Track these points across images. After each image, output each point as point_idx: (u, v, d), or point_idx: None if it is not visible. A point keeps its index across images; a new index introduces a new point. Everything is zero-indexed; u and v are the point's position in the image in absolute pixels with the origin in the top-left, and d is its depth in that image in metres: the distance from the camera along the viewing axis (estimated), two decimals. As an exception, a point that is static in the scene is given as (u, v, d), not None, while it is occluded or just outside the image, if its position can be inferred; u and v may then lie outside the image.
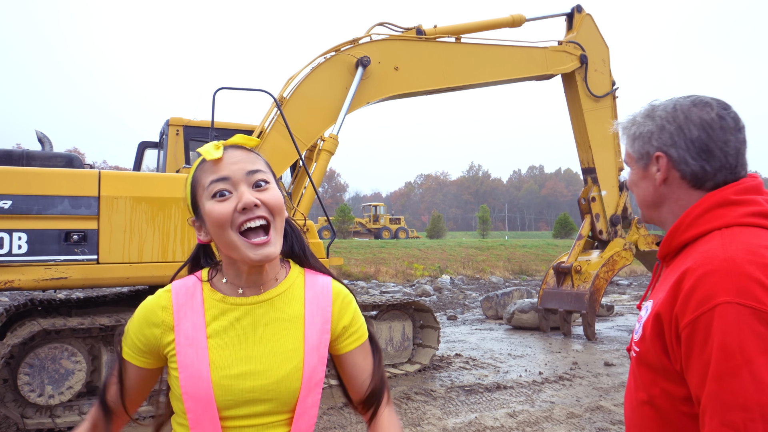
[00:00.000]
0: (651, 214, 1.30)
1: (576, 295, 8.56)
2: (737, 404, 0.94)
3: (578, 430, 4.58)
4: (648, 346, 1.12)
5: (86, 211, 4.93)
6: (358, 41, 7.27)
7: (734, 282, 0.99)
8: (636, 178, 1.30)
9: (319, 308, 1.21)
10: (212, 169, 1.12)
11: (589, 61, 9.01)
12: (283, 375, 1.13)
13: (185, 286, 1.18)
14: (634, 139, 1.28)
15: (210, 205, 1.10)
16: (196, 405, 1.09)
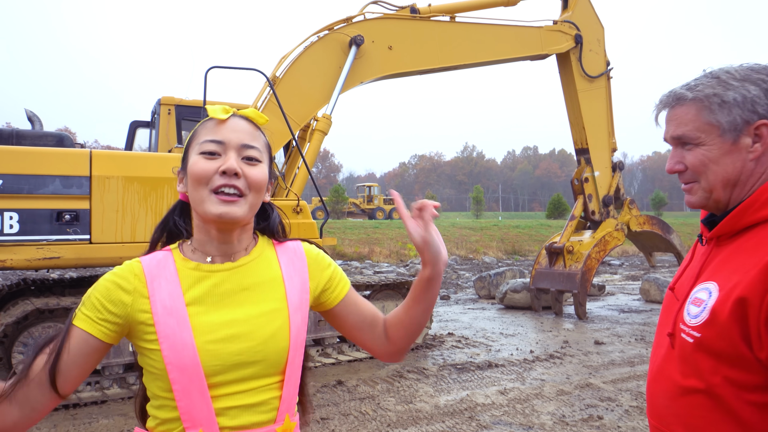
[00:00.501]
0: (723, 195, 1.16)
1: (568, 275, 8.64)
2: None
3: (567, 406, 4.66)
4: (719, 331, 1.05)
5: (78, 191, 4.91)
6: (351, 20, 7.19)
7: None
8: (717, 154, 1.13)
9: (296, 269, 1.22)
10: (212, 129, 1.13)
11: (584, 40, 8.96)
12: (269, 335, 1.12)
13: (155, 257, 1.15)
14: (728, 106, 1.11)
15: (195, 159, 1.12)
16: (182, 374, 1.05)
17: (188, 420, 1.06)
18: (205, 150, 1.11)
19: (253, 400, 1.11)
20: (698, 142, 1.15)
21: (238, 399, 1.09)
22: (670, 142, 1.22)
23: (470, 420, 4.35)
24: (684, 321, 1.14)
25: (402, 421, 4.34)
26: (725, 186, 1.14)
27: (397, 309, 1.29)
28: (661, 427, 1.18)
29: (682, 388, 1.12)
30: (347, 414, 4.49)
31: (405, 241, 22.29)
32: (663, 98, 1.22)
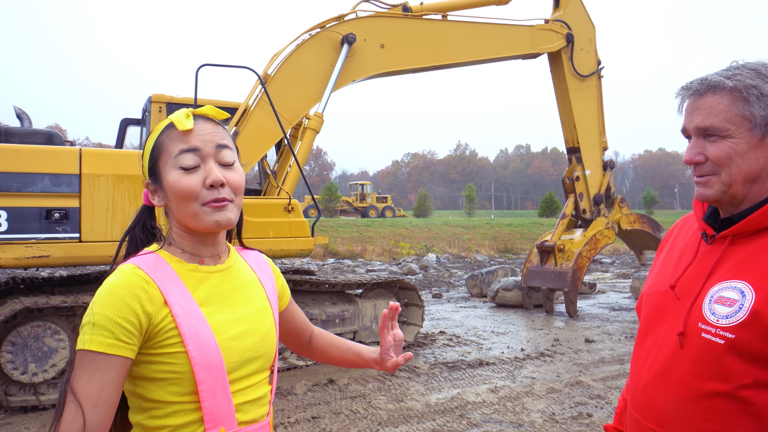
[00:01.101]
0: (742, 190, 1.14)
1: (559, 273, 8.68)
2: None
3: (557, 404, 4.69)
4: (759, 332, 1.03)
5: (67, 189, 4.88)
6: (343, 18, 7.18)
7: None
8: (744, 148, 1.11)
9: (266, 273, 1.31)
10: (181, 138, 1.11)
11: (576, 40, 8.99)
12: (265, 331, 1.19)
13: (149, 261, 1.12)
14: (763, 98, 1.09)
15: (177, 175, 1.09)
16: (209, 374, 1.06)
17: (211, 420, 1.07)
18: (183, 165, 1.09)
19: (257, 395, 1.17)
20: (727, 134, 1.11)
21: (248, 394, 1.14)
22: (693, 132, 1.17)
23: (461, 418, 4.36)
24: (707, 321, 1.10)
25: (393, 419, 4.35)
26: (746, 181, 1.12)
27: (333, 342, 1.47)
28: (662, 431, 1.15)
29: (699, 392, 1.08)
30: (338, 412, 4.50)
31: (397, 239, 22.32)
32: (692, 85, 1.17)
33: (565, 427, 4.17)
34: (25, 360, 4.63)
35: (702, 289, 1.15)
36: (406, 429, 4.16)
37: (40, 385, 4.71)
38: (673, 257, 1.31)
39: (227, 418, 1.09)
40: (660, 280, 1.30)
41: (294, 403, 4.72)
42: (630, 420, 1.28)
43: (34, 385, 4.68)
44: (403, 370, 5.72)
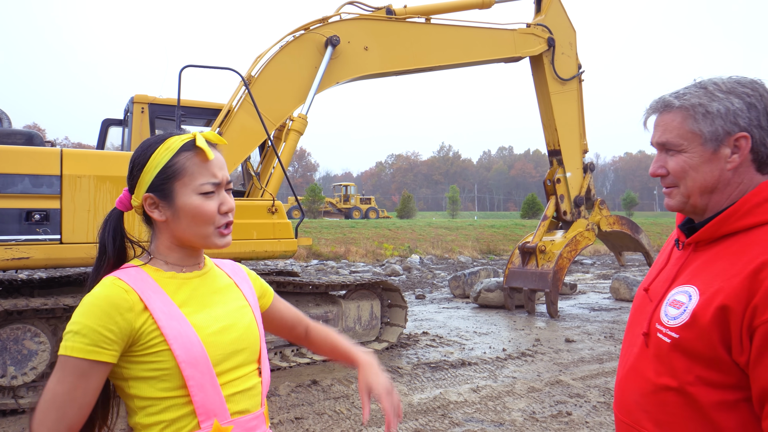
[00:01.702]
0: (700, 201, 1.20)
1: (540, 274, 8.80)
2: None
3: (538, 403, 4.76)
4: (699, 334, 1.09)
5: (48, 190, 4.84)
6: (327, 20, 7.21)
7: None
8: (697, 162, 1.18)
9: (242, 278, 1.39)
10: (205, 166, 1.22)
11: (557, 44, 9.12)
12: (247, 325, 1.27)
13: (130, 273, 1.19)
14: (712, 116, 1.15)
15: (198, 200, 1.21)
16: (195, 369, 1.14)
17: (203, 413, 1.15)
18: (206, 191, 1.21)
19: (247, 386, 1.24)
20: (680, 149, 1.19)
21: (237, 385, 1.22)
22: (655, 147, 1.26)
23: (443, 418, 4.42)
24: (661, 321, 1.18)
25: (376, 419, 4.39)
26: (702, 193, 1.19)
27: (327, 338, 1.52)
28: (630, 422, 1.22)
29: (655, 386, 1.17)
30: (322, 413, 4.52)
31: (381, 240, 22.36)
32: (653, 103, 1.27)
33: (545, 426, 4.25)
34: (4, 363, 4.58)
35: (665, 292, 1.22)
36: (388, 429, 4.19)
37: (19, 389, 4.66)
38: (658, 261, 1.40)
39: (219, 410, 1.17)
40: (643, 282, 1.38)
41: (277, 404, 4.74)
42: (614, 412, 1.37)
43: (14, 388, 4.63)
44: (387, 370, 5.72)
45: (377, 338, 6.79)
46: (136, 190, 1.24)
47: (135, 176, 1.24)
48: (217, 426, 1.16)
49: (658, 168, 1.25)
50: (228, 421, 1.18)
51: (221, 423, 1.16)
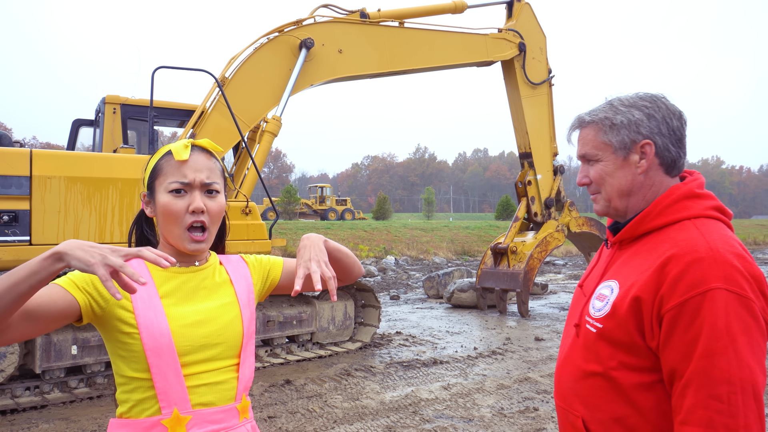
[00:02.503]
0: (620, 204, 1.33)
1: (511, 275, 8.97)
2: (723, 379, 1.07)
3: (506, 399, 4.89)
4: (618, 323, 1.21)
5: (17, 191, 4.80)
6: (301, 22, 7.26)
7: (721, 270, 1.11)
8: (612, 169, 1.31)
9: (241, 275, 1.46)
10: (177, 167, 1.31)
11: (528, 49, 9.32)
12: (227, 321, 1.34)
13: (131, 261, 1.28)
14: (617, 128, 1.29)
15: (167, 198, 1.31)
16: (159, 358, 1.22)
17: (164, 399, 1.23)
18: (172, 189, 1.31)
19: (217, 379, 1.30)
20: (597, 158, 1.34)
21: (204, 378, 1.28)
22: (579, 159, 1.42)
23: (414, 414, 4.51)
24: (589, 314, 1.31)
25: (348, 417, 4.46)
26: (620, 196, 1.33)
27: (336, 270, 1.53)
28: (565, 406, 1.34)
29: (584, 372, 1.29)
30: (294, 412, 4.58)
31: (356, 242, 22.40)
32: (572, 122, 1.43)
33: (513, 421, 4.37)
34: (-29, 366, 4.52)
35: (595, 287, 1.36)
36: (360, 426, 4.27)
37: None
38: (594, 260, 1.54)
39: (180, 400, 1.24)
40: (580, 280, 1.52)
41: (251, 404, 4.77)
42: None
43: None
44: (360, 369, 5.83)
45: (351, 338, 6.86)
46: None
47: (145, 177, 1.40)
48: (176, 414, 1.22)
49: (582, 178, 1.39)
50: (188, 411, 1.24)
51: (181, 412, 1.23)
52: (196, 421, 1.24)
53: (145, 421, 1.22)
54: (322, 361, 6.21)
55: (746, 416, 1.07)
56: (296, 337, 6.50)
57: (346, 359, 6.30)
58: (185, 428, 1.23)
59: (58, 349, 4.80)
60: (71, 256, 1.05)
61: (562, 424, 1.38)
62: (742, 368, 1.08)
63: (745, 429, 1.07)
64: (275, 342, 6.29)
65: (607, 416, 1.24)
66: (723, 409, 1.07)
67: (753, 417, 1.07)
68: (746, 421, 1.07)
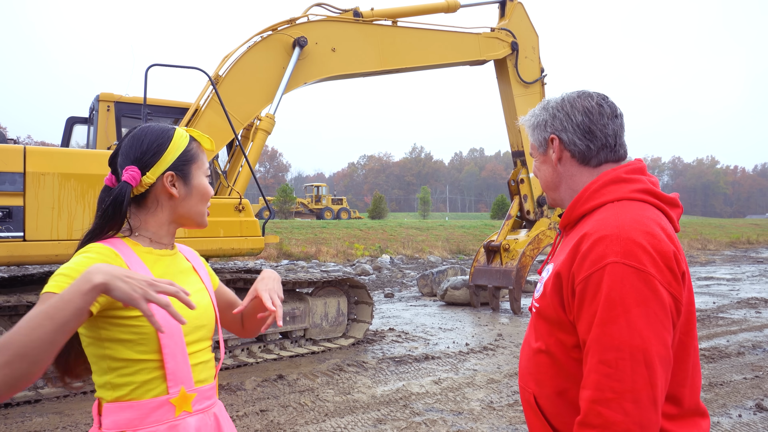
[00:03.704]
0: (553, 195, 1.48)
1: (504, 272, 9.04)
2: (613, 345, 1.13)
3: (496, 393, 4.96)
4: (548, 301, 1.30)
5: (11, 188, 4.83)
6: (295, 21, 7.30)
7: (622, 245, 1.18)
8: (538, 164, 1.49)
9: (198, 264, 1.53)
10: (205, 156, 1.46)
11: (520, 48, 9.39)
12: (206, 304, 1.41)
13: (114, 242, 1.31)
14: (534, 128, 1.48)
15: (206, 181, 1.44)
16: (171, 339, 1.26)
17: (173, 379, 1.26)
18: (208, 174, 1.46)
19: (207, 357, 1.39)
20: (532, 156, 1.54)
21: (200, 356, 1.35)
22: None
23: (404, 408, 4.57)
24: (534, 296, 1.42)
25: (339, 410, 4.51)
26: (548, 188, 1.48)
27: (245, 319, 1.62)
28: (522, 384, 1.43)
29: (533, 350, 1.37)
30: (286, 406, 4.63)
31: (352, 241, 22.45)
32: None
33: (501, 414, 4.43)
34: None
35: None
36: (351, 419, 4.33)
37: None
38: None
39: (186, 378, 1.29)
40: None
41: (243, 398, 4.82)
42: None
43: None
44: (352, 365, 5.89)
45: (344, 334, 6.92)
46: (153, 170, 1.34)
47: (152, 157, 1.34)
48: (183, 393, 1.28)
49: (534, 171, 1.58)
50: (192, 389, 1.30)
51: (187, 390, 1.29)
52: (199, 398, 1.32)
53: (151, 401, 1.24)
54: (314, 357, 6.27)
55: (633, 381, 1.12)
56: (289, 333, 6.55)
57: (338, 355, 6.35)
58: (191, 405, 1.29)
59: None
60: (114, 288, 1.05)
61: (522, 403, 1.46)
62: (633, 336, 1.14)
63: (632, 393, 1.12)
64: (268, 338, 6.34)
65: (551, 391, 1.31)
66: (610, 373, 1.13)
67: (641, 382, 1.12)
68: (633, 386, 1.12)
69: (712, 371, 5.66)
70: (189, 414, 1.29)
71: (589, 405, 1.15)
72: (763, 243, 31.98)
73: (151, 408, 1.24)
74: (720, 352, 6.44)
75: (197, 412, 1.31)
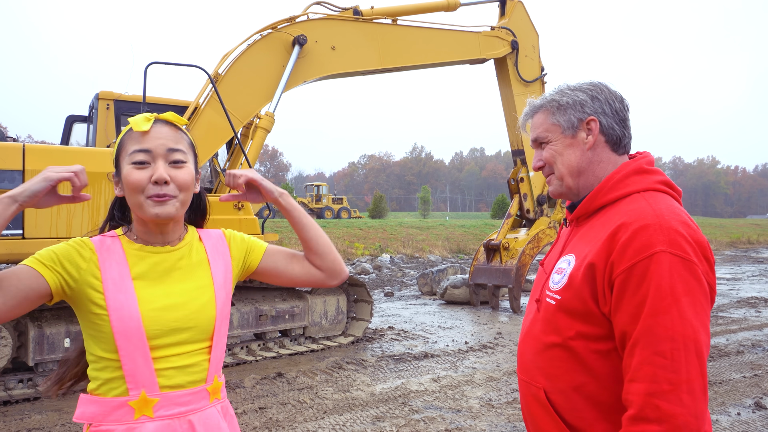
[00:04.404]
0: (573, 181, 1.39)
1: (504, 271, 9.04)
2: (667, 336, 1.13)
3: (495, 391, 4.96)
4: (574, 293, 1.27)
5: (10, 185, 4.82)
6: (295, 19, 7.30)
7: (666, 235, 1.18)
8: (560, 147, 1.39)
9: (219, 253, 1.44)
10: (138, 138, 1.28)
11: (520, 47, 9.38)
12: (200, 305, 1.32)
13: (104, 241, 1.32)
14: (564, 108, 1.38)
15: (128, 170, 1.27)
16: (128, 341, 1.22)
17: (132, 381, 1.23)
18: (135, 160, 1.27)
19: (187, 362, 1.29)
20: (548, 140, 1.42)
21: (174, 361, 1.27)
22: (533, 146, 1.48)
23: (403, 405, 4.57)
24: (549, 288, 1.37)
25: (338, 408, 4.51)
26: (571, 174, 1.39)
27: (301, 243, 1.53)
28: (528, 379, 1.39)
29: (544, 344, 1.34)
30: (285, 403, 4.63)
31: (352, 240, 22.45)
32: (525, 110, 1.49)
33: (500, 411, 4.43)
34: (-36, 358, 4.56)
35: (554, 264, 1.43)
36: (350, 416, 4.33)
37: (-20, 383, 4.64)
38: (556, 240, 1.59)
39: (148, 382, 1.24)
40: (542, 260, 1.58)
41: (242, 396, 4.82)
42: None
43: (-26, 383, 4.61)
44: (351, 363, 5.89)
45: (343, 332, 6.92)
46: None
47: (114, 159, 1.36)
48: (143, 397, 1.23)
49: (537, 162, 1.46)
50: (155, 394, 1.24)
51: (148, 395, 1.24)
52: (164, 403, 1.25)
53: (113, 400, 1.23)
54: (314, 355, 6.27)
55: (688, 371, 1.12)
56: (289, 331, 6.55)
57: (338, 353, 6.35)
58: (152, 410, 1.24)
59: (50, 342, 4.84)
60: (21, 195, 1.19)
61: (524, 397, 1.43)
62: (685, 326, 1.14)
63: (687, 384, 1.12)
64: (268, 336, 6.34)
65: (566, 386, 1.29)
66: (666, 364, 1.13)
67: (695, 372, 1.13)
68: (688, 376, 1.12)
69: (712, 369, 5.66)
70: (149, 419, 1.23)
71: (645, 398, 1.13)
72: (763, 243, 31.98)
73: (113, 407, 1.23)
74: (719, 350, 6.44)
75: (161, 418, 1.25)
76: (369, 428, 4.08)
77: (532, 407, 1.37)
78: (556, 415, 1.30)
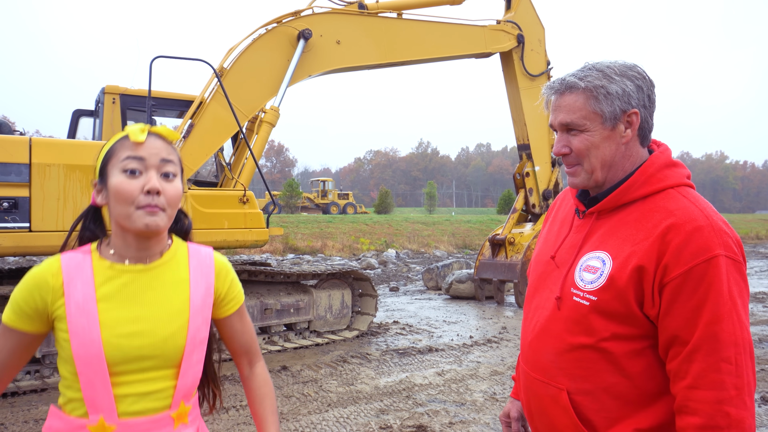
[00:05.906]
0: (601, 175, 1.31)
1: (509, 265, 9.02)
2: (731, 342, 1.12)
3: (499, 385, 4.96)
4: (615, 295, 1.21)
5: (17, 178, 4.86)
6: (299, 13, 7.29)
7: (720, 237, 1.15)
8: (598, 140, 1.28)
9: (203, 274, 1.35)
10: (131, 147, 1.23)
11: (526, 40, 9.33)
12: (169, 333, 1.25)
13: (75, 258, 1.26)
14: (612, 98, 1.26)
15: (120, 178, 1.21)
16: (88, 367, 1.19)
17: (91, 406, 1.20)
18: (128, 167, 1.21)
19: (150, 389, 1.24)
20: (584, 128, 1.29)
21: (135, 387, 1.23)
22: (558, 128, 1.34)
23: (407, 399, 4.58)
24: (576, 286, 1.29)
25: (342, 401, 4.53)
26: (603, 167, 1.30)
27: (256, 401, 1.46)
28: (545, 379, 1.34)
29: (570, 345, 1.28)
30: (290, 396, 4.65)
31: (358, 235, 22.48)
32: (554, 84, 1.34)
33: (504, 405, 4.43)
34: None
35: (575, 259, 1.34)
36: (354, 409, 4.34)
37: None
38: (554, 229, 1.51)
39: (106, 408, 1.20)
40: (544, 249, 1.50)
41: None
42: (521, 372, 1.48)
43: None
44: (356, 356, 5.90)
45: (348, 326, 6.93)
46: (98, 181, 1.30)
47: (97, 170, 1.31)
48: (101, 423, 1.20)
49: (562, 147, 1.34)
50: (113, 421, 1.20)
51: (106, 422, 1.20)
52: (122, 430, 1.21)
53: (75, 420, 1.22)
54: (318, 349, 6.29)
55: (747, 374, 1.14)
56: (294, 325, 6.57)
57: (342, 347, 6.37)
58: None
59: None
60: None
61: (537, 396, 1.37)
62: (743, 330, 1.14)
63: (748, 386, 1.13)
64: (273, 330, 6.36)
65: (595, 387, 1.26)
66: (732, 370, 1.12)
67: (751, 375, 1.14)
68: (748, 380, 1.13)
69: (718, 364, 5.63)
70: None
71: (715, 406, 1.12)
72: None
73: (74, 427, 1.22)
74: (726, 345, 6.41)
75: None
76: (373, 421, 4.10)
77: (549, 407, 1.33)
78: (576, 416, 1.27)
